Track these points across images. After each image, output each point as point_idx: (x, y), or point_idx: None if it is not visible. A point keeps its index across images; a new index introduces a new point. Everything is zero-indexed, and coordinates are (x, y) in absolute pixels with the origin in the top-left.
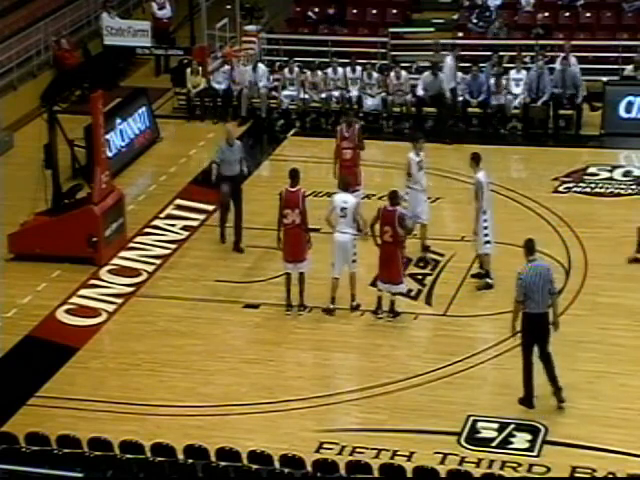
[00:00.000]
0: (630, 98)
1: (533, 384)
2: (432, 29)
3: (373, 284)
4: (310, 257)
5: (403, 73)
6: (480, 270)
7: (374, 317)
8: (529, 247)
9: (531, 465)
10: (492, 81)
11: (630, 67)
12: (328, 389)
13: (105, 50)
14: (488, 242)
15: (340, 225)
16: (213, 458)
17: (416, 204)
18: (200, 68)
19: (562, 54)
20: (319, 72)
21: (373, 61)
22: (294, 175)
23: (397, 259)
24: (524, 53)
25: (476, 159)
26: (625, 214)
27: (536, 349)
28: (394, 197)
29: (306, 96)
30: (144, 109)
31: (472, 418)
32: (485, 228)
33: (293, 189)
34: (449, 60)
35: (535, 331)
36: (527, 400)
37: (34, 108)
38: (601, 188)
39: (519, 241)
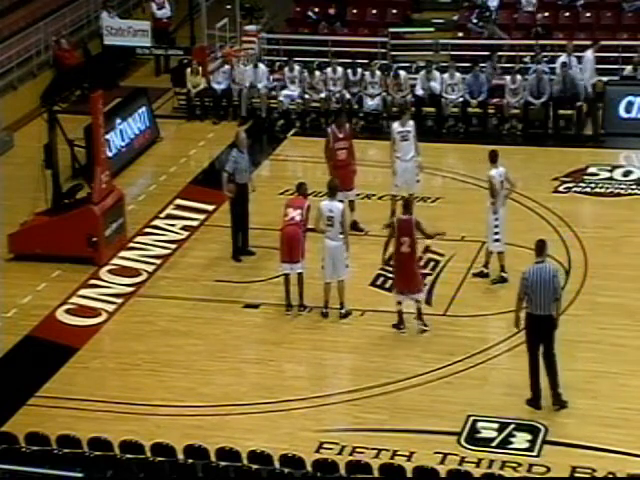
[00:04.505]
0: (630, 98)
1: (540, 385)
2: (432, 29)
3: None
4: (304, 257)
5: (403, 73)
6: (483, 269)
7: (398, 331)
8: (538, 248)
9: (531, 465)
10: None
11: (629, 67)
12: (328, 389)
13: (105, 50)
14: (497, 240)
15: (329, 233)
16: (213, 458)
17: (403, 173)
18: (200, 68)
19: (564, 54)
20: (317, 73)
21: (375, 61)
22: (300, 187)
23: (415, 268)
24: (523, 53)
25: (492, 157)
26: (625, 214)
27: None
28: (407, 205)
29: (306, 96)
30: (144, 109)
31: (472, 418)
32: (496, 227)
33: (300, 197)
34: (589, 54)
35: (537, 332)
36: (534, 401)
37: (34, 108)
38: (601, 188)
39: (519, 241)
